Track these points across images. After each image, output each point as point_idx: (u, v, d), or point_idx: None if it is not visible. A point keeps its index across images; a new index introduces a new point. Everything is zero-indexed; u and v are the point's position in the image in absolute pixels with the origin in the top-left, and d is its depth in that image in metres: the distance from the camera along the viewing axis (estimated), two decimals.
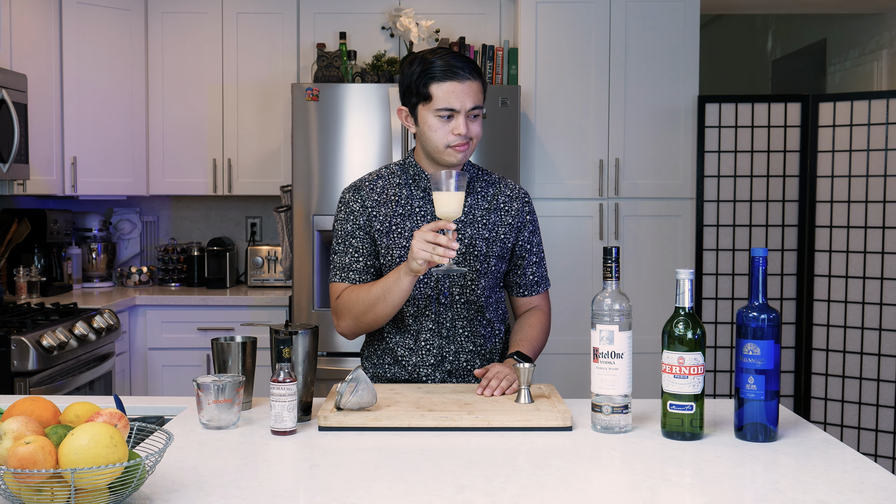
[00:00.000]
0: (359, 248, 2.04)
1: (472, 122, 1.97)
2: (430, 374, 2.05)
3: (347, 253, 2.04)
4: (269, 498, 1.30)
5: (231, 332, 3.88)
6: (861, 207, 3.73)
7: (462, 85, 1.93)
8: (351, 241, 2.04)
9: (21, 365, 2.91)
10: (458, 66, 1.94)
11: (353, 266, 2.03)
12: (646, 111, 3.97)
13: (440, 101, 1.94)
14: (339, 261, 2.05)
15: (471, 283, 2.04)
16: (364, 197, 2.05)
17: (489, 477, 1.40)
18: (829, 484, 1.37)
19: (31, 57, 3.65)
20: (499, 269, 2.08)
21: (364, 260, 2.04)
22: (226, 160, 4.23)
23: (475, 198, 2.07)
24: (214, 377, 1.70)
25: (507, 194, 2.11)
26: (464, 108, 1.94)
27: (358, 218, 2.04)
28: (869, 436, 3.73)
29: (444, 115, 1.94)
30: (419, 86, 1.95)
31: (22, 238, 3.87)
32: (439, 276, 2.02)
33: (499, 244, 2.06)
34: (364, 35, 4.20)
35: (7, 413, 1.31)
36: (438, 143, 1.96)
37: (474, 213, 2.06)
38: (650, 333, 3.62)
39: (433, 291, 2.03)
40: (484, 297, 2.06)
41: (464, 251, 2.02)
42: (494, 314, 2.11)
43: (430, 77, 1.94)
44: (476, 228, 2.04)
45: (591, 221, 3.99)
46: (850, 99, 3.75)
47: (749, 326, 1.60)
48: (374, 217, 2.04)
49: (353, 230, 2.04)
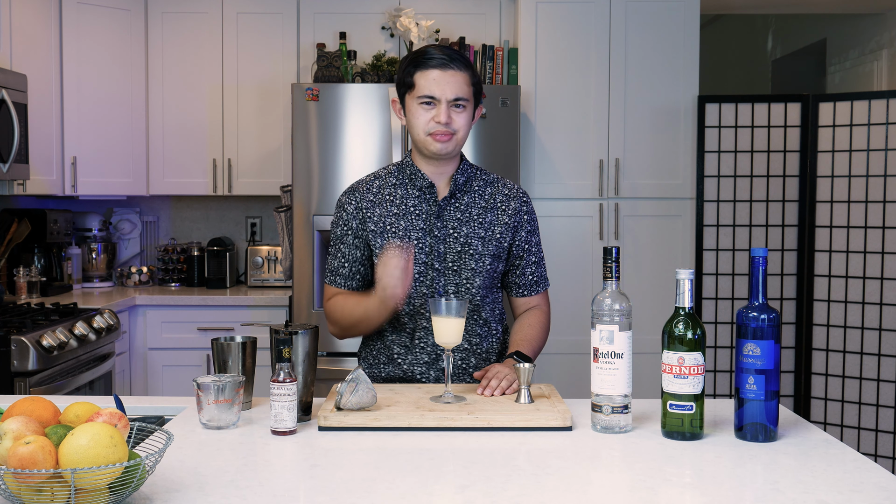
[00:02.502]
0: (346, 253, 2.07)
1: (457, 114, 1.97)
2: (425, 372, 2.06)
3: (336, 257, 2.09)
4: (269, 498, 1.30)
5: (231, 332, 3.88)
6: (861, 207, 3.73)
7: (444, 73, 1.95)
8: (340, 245, 2.08)
9: (21, 365, 2.91)
10: (441, 56, 1.96)
11: (340, 271, 2.08)
12: (646, 111, 3.97)
13: (422, 88, 1.96)
14: (330, 263, 2.11)
15: (466, 281, 2.04)
16: (359, 198, 2.07)
17: (489, 477, 1.40)
18: (829, 484, 1.37)
19: (31, 57, 3.65)
20: (494, 269, 2.08)
21: (350, 265, 2.07)
22: (226, 160, 4.23)
23: (472, 196, 2.07)
24: (214, 377, 1.70)
25: (504, 193, 2.10)
26: (444, 97, 1.95)
27: (350, 221, 2.06)
28: (869, 436, 3.73)
29: (426, 102, 1.96)
30: (406, 75, 1.99)
31: (22, 238, 3.87)
32: (434, 275, 2.03)
33: (494, 243, 2.06)
34: (364, 35, 4.20)
35: (7, 413, 1.31)
36: (420, 130, 1.98)
37: (471, 211, 2.06)
38: (650, 333, 3.62)
39: (428, 290, 2.04)
40: (479, 296, 2.06)
41: (458, 250, 2.03)
42: (491, 314, 2.11)
43: (415, 65, 1.97)
44: (472, 227, 2.05)
45: (591, 221, 3.99)
46: (850, 99, 3.75)
47: (749, 326, 1.60)
48: (369, 218, 2.05)
49: (342, 235, 2.07)
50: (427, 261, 2.03)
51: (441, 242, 2.03)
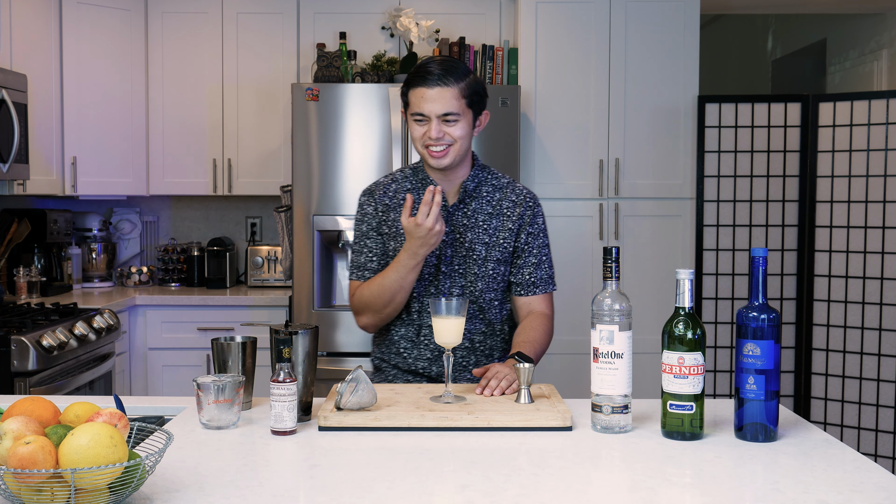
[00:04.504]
0: (373, 248, 2.14)
1: (449, 126, 2.02)
2: (427, 367, 2.13)
3: (363, 253, 2.15)
4: (269, 498, 1.30)
5: (231, 332, 3.88)
6: (861, 207, 3.73)
7: (431, 91, 1.99)
8: (366, 241, 2.15)
9: (21, 365, 2.91)
10: (429, 73, 1.99)
11: (368, 265, 2.14)
12: (646, 111, 3.97)
13: (413, 105, 2.04)
14: (356, 260, 2.17)
15: (470, 284, 2.10)
16: (376, 200, 2.15)
17: (489, 477, 1.40)
18: (829, 484, 1.37)
19: (31, 57, 3.65)
20: (497, 272, 2.12)
21: (378, 259, 2.15)
22: (226, 160, 4.23)
23: (479, 202, 2.12)
24: (214, 377, 1.70)
25: (512, 199, 2.15)
26: (432, 114, 2.00)
27: (371, 220, 2.15)
28: (869, 436, 3.73)
29: (418, 119, 2.03)
30: (404, 92, 2.07)
31: (22, 238, 3.87)
32: (442, 278, 2.09)
33: (498, 249, 2.11)
34: (364, 35, 4.20)
35: (7, 413, 1.31)
36: (417, 144, 2.06)
37: (477, 217, 2.11)
38: (650, 333, 3.62)
39: (437, 290, 2.10)
40: (483, 299, 2.11)
41: (464, 254, 2.09)
42: (496, 316, 2.15)
43: (408, 83, 2.05)
44: (476, 233, 2.10)
45: (591, 221, 3.99)
46: (850, 99, 3.75)
47: (749, 326, 1.60)
48: (384, 221, 2.14)
49: (367, 231, 2.15)
50: (436, 263, 2.09)
51: (448, 247, 2.09)
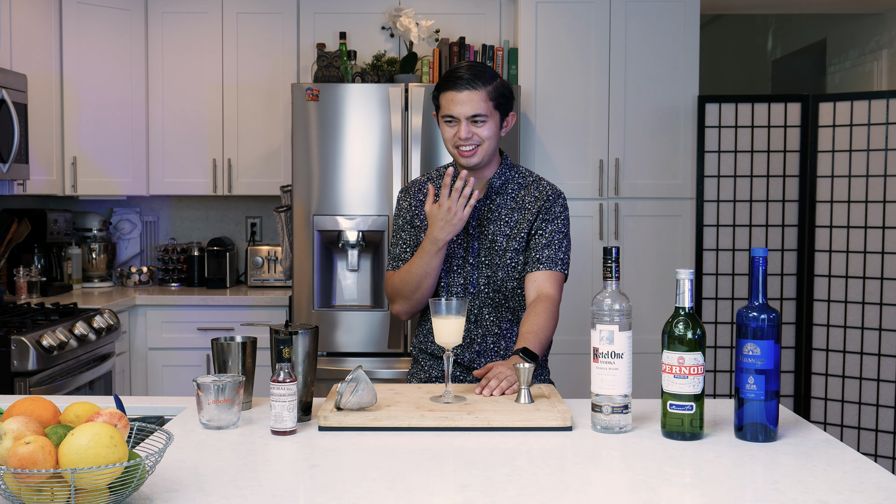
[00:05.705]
0: (407, 240, 2.26)
1: (478, 127, 2.13)
2: (461, 353, 2.20)
3: (398, 245, 2.28)
4: (269, 498, 1.30)
5: (231, 332, 3.88)
6: (861, 207, 3.73)
7: (460, 94, 2.11)
8: (401, 234, 2.28)
9: (21, 365, 2.91)
10: (458, 78, 2.13)
11: (402, 256, 2.26)
12: (646, 111, 3.97)
13: (444, 108, 2.15)
14: (392, 251, 2.29)
15: (493, 274, 2.21)
16: (412, 196, 2.29)
17: (489, 477, 1.40)
18: (829, 484, 1.37)
19: (31, 57, 3.65)
20: (515, 261, 2.21)
21: (411, 251, 2.25)
22: (226, 160, 4.23)
23: (504, 198, 2.23)
24: (214, 377, 1.70)
25: (534, 195, 2.23)
26: (462, 116, 2.12)
27: (405, 214, 2.29)
28: (869, 436, 3.73)
29: (448, 121, 2.15)
30: (435, 96, 2.19)
31: (22, 238, 3.87)
32: (469, 269, 2.19)
33: (517, 240, 2.21)
34: (364, 35, 4.20)
35: (7, 413, 1.31)
36: (449, 144, 2.18)
37: (500, 211, 2.21)
38: (650, 333, 3.62)
39: (465, 281, 2.21)
40: (506, 287, 2.20)
41: (488, 246, 2.20)
42: (520, 304, 2.23)
43: (439, 87, 2.16)
44: (498, 226, 2.21)
45: (591, 221, 3.99)
46: (850, 99, 3.75)
47: (749, 326, 1.60)
48: (416, 215, 2.26)
49: (402, 225, 2.28)
50: (464, 255, 2.20)
51: (475, 240, 2.20)
